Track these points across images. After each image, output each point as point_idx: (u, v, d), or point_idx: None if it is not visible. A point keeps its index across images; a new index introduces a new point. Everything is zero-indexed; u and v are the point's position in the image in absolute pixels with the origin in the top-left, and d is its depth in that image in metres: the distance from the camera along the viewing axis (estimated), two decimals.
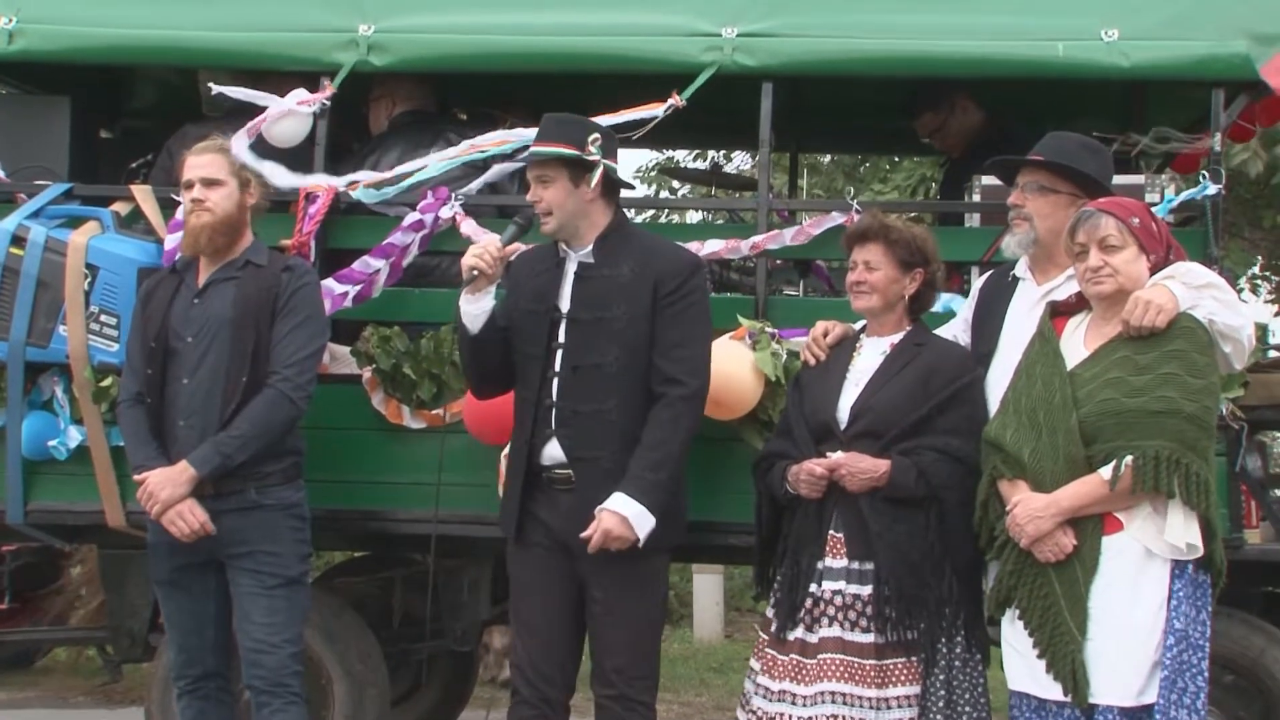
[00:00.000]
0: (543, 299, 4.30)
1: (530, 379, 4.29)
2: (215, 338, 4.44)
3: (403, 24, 5.11)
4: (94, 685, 8.62)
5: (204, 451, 4.37)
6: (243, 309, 4.44)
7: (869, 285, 4.29)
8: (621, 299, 4.22)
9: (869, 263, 4.29)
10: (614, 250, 4.28)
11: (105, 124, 6.01)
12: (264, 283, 4.48)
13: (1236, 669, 4.90)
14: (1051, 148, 4.32)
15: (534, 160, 4.29)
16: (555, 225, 4.27)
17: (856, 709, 4.06)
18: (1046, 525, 3.88)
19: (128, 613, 5.39)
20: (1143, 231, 3.94)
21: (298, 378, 4.45)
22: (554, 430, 4.24)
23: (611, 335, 4.21)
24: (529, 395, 4.29)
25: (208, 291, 4.51)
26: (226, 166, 4.56)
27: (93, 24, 5.18)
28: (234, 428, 4.38)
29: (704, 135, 7.39)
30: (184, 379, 4.44)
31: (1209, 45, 4.82)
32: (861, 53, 4.98)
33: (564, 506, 4.23)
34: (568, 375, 4.23)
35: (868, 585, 4.11)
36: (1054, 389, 3.94)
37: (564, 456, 4.22)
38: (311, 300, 4.56)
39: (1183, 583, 3.84)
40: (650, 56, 5.01)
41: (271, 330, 4.45)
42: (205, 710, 4.61)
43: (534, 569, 4.30)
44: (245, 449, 4.38)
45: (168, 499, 4.35)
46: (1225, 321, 3.93)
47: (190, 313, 4.49)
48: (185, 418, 4.43)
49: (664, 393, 4.19)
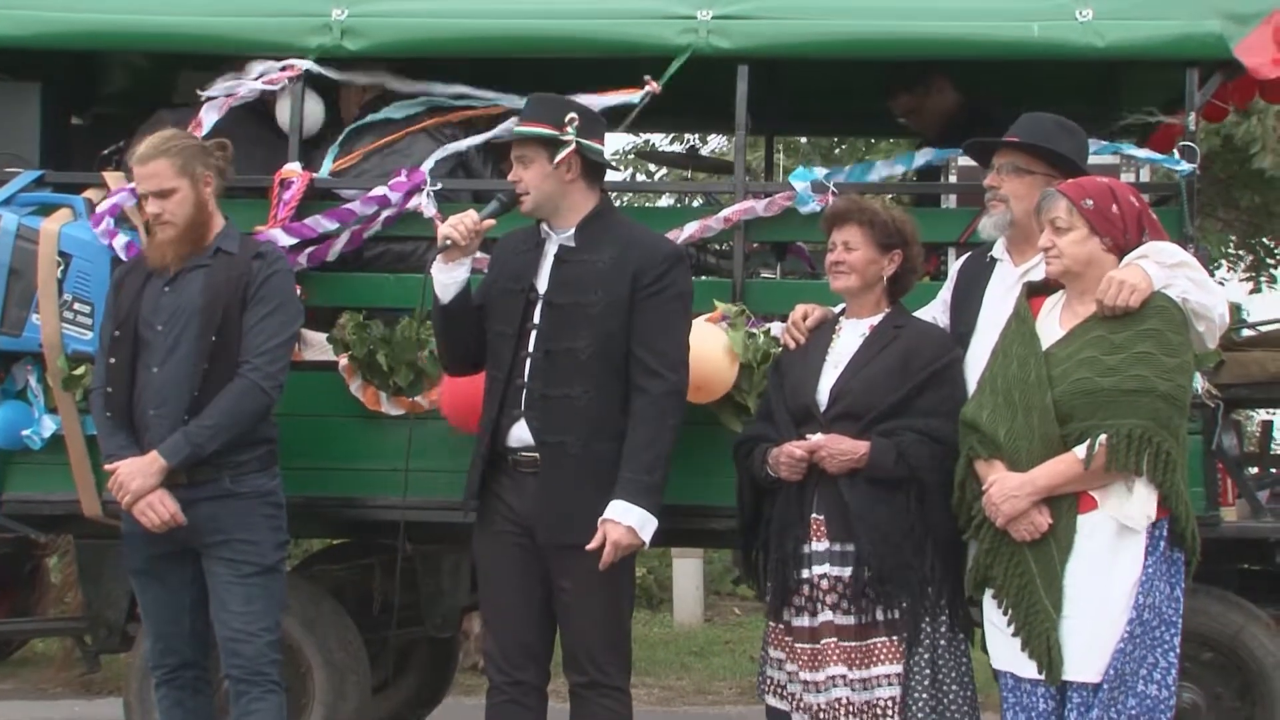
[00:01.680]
0: (520, 279, 4.29)
1: (502, 359, 4.27)
2: (186, 326, 4.40)
3: (376, 8, 5.08)
4: (72, 676, 8.59)
5: (174, 442, 4.34)
6: (213, 297, 4.40)
7: (847, 265, 4.30)
8: (599, 285, 4.20)
9: (848, 243, 4.30)
10: (596, 235, 4.26)
11: (77, 110, 5.95)
12: (235, 271, 4.44)
13: (1215, 646, 4.93)
14: (1027, 128, 4.33)
15: (515, 139, 4.29)
16: (532, 205, 4.26)
17: (851, 690, 4.08)
18: (1022, 504, 3.89)
19: (105, 603, 5.36)
20: (1094, 214, 3.94)
21: (268, 366, 4.41)
22: (522, 412, 4.21)
23: (587, 321, 4.18)
24: (499, 375, 4.27)
25: (178, 280, 4.46)
26: (173, 169, 4.42)
27: (63, 9, 5.13)
28: (205, 417, 4.35)
29: (680, 118, 7.37)
30: (154, 368, 4.41)
31: (1183, 25, 4.83)
32: (837, 34, 4.97)
33: (529, 490, 4.21)
34: (540, 358, 4.21)
35: (849, 567, 4.12)
36: (1029, 368, 3.95)
37: (531, 439, 4.20)
38: (283, 288, 4.52)
39: (1155, 559, 3.86)
40: (625, 40, 5.00)
41: (242, 318, 4.41)
42: (183, 700, 4.59)
43: (499, 554, 4.28)
44: (216, 439, 4.36)
45: (138, 489, 4.33)
46: (1198, 300, 3.94)
47: (160, 301, 4.44)
48: (156, 407, 4.39)
49: (646, 387, 4.16)
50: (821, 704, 4.12)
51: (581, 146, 4.23)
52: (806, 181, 4.91)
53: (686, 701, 8.25)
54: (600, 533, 4.08)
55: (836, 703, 4.09)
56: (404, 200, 4.99)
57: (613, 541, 4.06)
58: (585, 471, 4.14)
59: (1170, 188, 4.93)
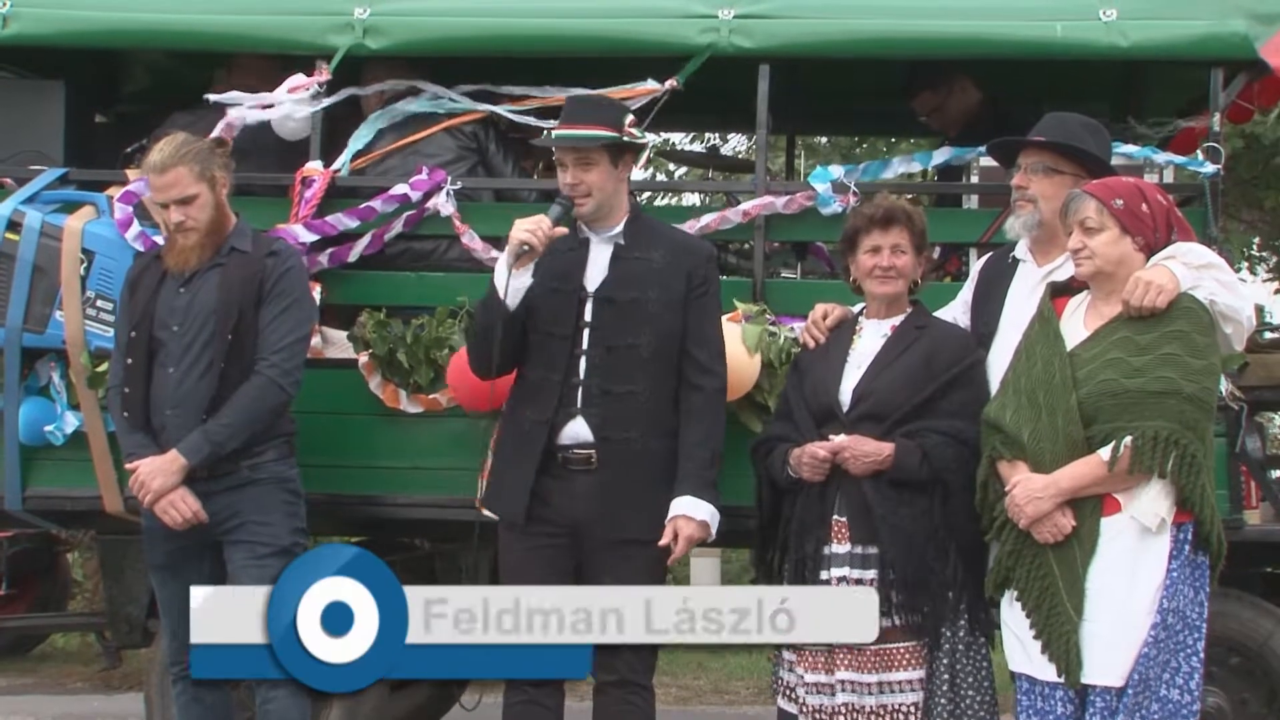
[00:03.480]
0: (568, 279, 4.29)
1: (554, 359, 4.25)
2: (202, 327, 4.42)
3: (398, 7, 5.08)
4: (93, 671, 8.63)
5: (194, 440, 4.36)
6: (228, 296, 4.42)
7: (897, 270, 4.26)
8: (655, 283, 4.26)
9: (898, 246, 4.25)
10: (641, 234, 4.32)
11: (100, 108, 5.99)
12: (249, 269, 4.46)
13: (1242, 651, 4.90)
14: (1054, 128, 4.31)
15: (574, 143, 4.26)
16: (593, 207, 4.28)
17: (861, 695, 4.07)
18: (1046, 506, 3.88)
19: (126, 598, 5.38)
20: (1125, 213, 3.93)
21: (285, 363, 4.43)
22: (579, 409, 4.22)
23: (646, 318, 4.24)
24: (550, 375, 4.24)
25: (194, 280, 4.47)
26: (192, 175, 4.42)
27: (87, 8, 5.15)
28: (223, 415, 4.37)
29: (701, 118, 7.37)
30: (170, 368, 4.43)
31: (1208, 24, 4.81)
32: (859, 33, 4.96)
33: (579, 488, 4.22)
34: (599, 355, 4.23)
35: (871, 569, 4.10)
36: (1054, 369, 3.93)
37: (591, 436, 4.22)
38: (297, 284, 4.53)
39: (1180, 563, 3.84)
40: (646, 39, 4.99)
41: (258, 316, 4.43)
42: (200, 695, 4.60)
43: (532, 555, 4.27)
44: (235, 437, 4.38)
45: (159, 488, 4.35)
46: (1226, 302, 3.92)
47: (175, 302, 4.46)
48: (173, 406, 4.41)
49: (701, 384, 4.27)
50: (825, 706, 4.10)
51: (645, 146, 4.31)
52: (827, 183, 4.90)
53: (704, 701, 8.25)
54: (670, 528, 4.16)
55: (845, 707, 4.07)
56: (424, 199, 4.99)
57: (686, 537, 4.16)
58: (643, 467, 4.21)
59: (1194, 189, 4.90)
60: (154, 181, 4.46)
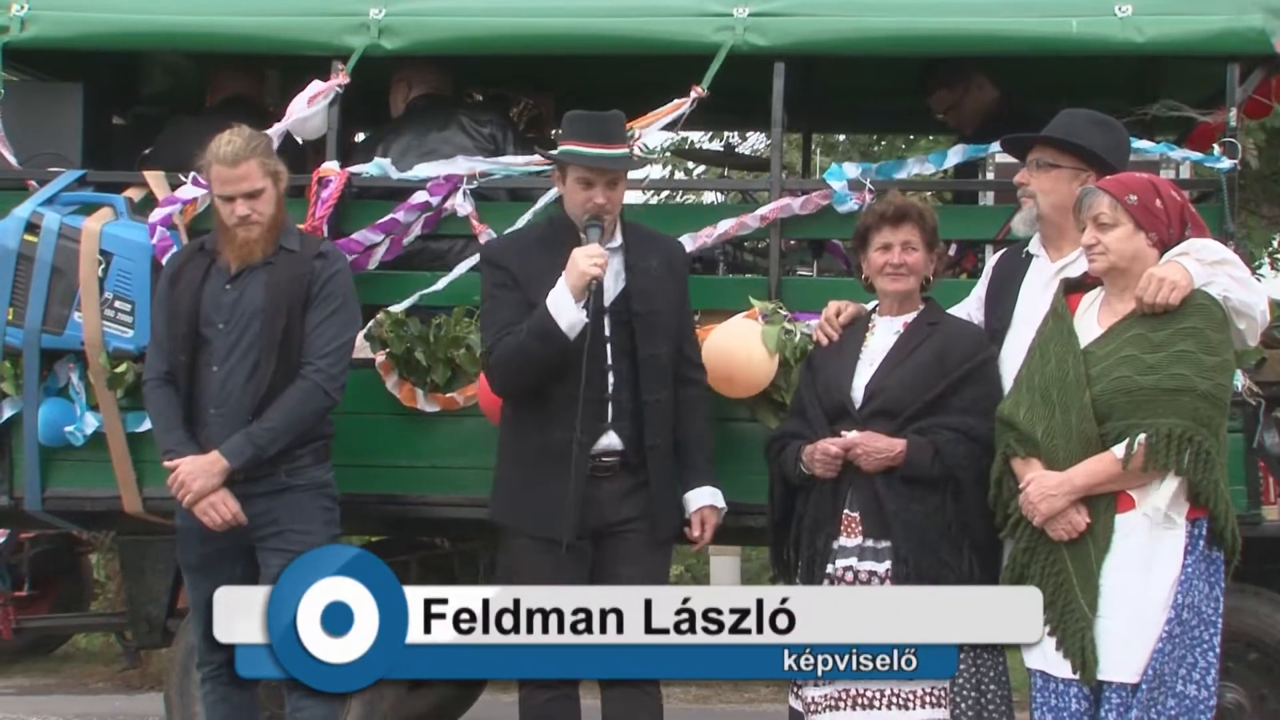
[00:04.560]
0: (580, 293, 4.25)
1: (578, 375, 4.12)
2: (248, 326, 4.41)
3: (414, 7, 5.10)
4: (114, 671, 8.67)
5: (237, 443, 4.35)
6: (275, 296, 4.41)
7: (908, 267, 4.26)
8: (661, 292, 4.33)
9: (909, 243, 4.25)
10: (636, 241, 4.36)
11: (118, 110, 6.01)
12: (297, 270, 4.45)
13: (1261, 647, 4.89)
14: (1059, 124, 4.31)
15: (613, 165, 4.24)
16: (613, 223, 4.33)
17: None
18: (1060, 503, 3.87)
19: (146, 599, 5.41)
20: (1139, 209, 3.91)
21: (331, 369, 4.43)
22: (610, 424, 4.26)
23: (662, 327, 4.32)
24: (572, 391, 4.13)
25: (241, 278, 4.46)
26: (262, 170, 4.42)
27: (104, 10, 5.18)
28: (267, 419, 4.37)
29: (717, 116, 7.35)
30: (214, 366, 4.42)
31: (1224, 19, 4.79)
32: (874, 31, 4.96)
33: (604, 492, 4.26)
34: (626, 368, 4.27)
35: (884, 561, 4.10)
36: (1067, 366, 3.92)
37: (621, 445, 4.27)
38: (344, 288, 4.53)
39: (1194, 558, 3.83)
40: (661, 37, 5.00)
41: (304, 319, 4.43)
42: (228, 695, 4.60)
43: (553, 563, 4.24)
44: (278, 441, 4.38)
45: (200, 490, 4.34)
46: (1240, 298, 3.90)
47: (222, 299, 4.44)
48: (216, 406, 4.41)
49: (695, 378, 4.47)
50: (818, 696, 4.09)
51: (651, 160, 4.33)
52: (843, 180, 4.90)
53: (723, 699, 8.24)
54: (697, 519, 4.38)
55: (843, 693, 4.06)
56: (443, 202, 5.00)
57: (713, 525, 4.39)
58: (665, 469, 4.34)
59: (1211, 184, 4.88)
60: (223, 174, 4.40)
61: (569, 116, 4.32)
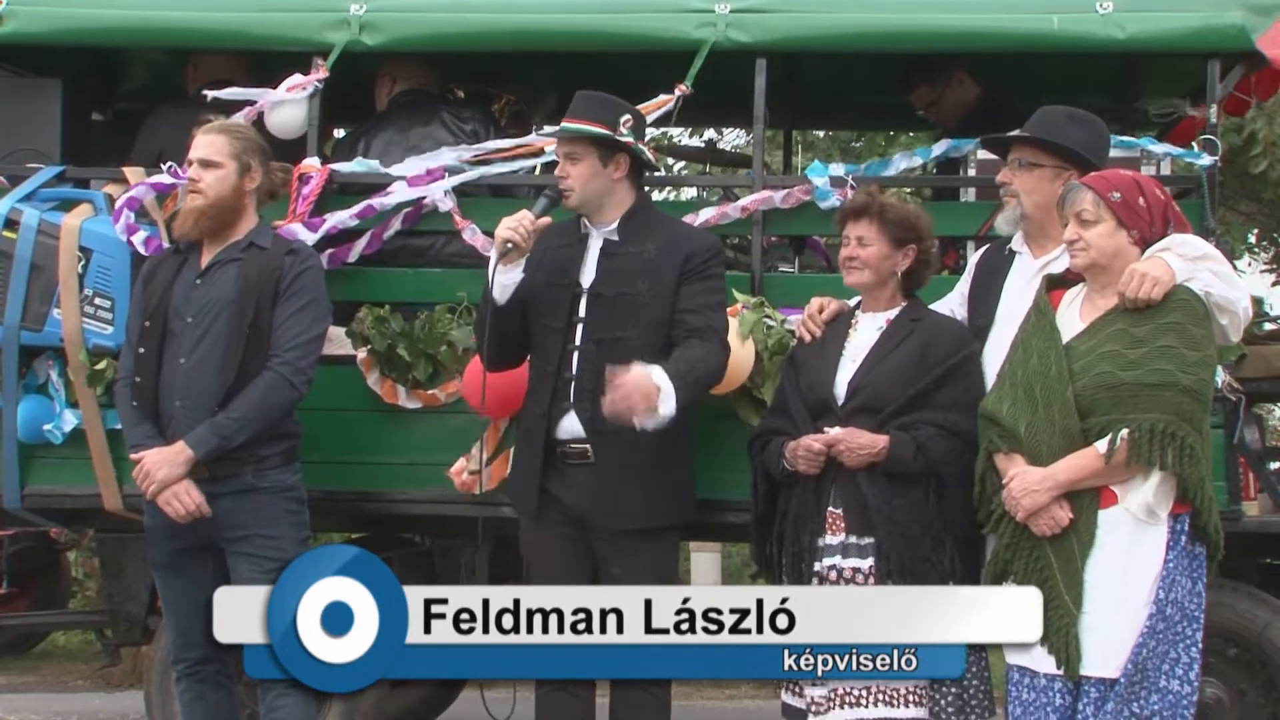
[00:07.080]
0: (564, 274, 4.34)
1: (549, 352, 4.32)
2: (216, 319, 4.41)
3: (395, 3, 5.09)
4: (93, 669, 8.64)
5: (201, 433, 4.35)
6: (244, 290, 4.42)
7: (860, 260, 4.30)
8: (645, 276, 4.28)
9: (861, 238, 4.29)
10: (638, 229, 4.34)
11: (97, 106, 5.98)
12: (267, 265, 4.46)
13: (1240, 642, 4.91)
14: (1038, 122, 4.32)
15: (564, 136, 4.30)
16: (577, 201, 4.32)
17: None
18: (1043, 499, 3.88)
19: (126, 596, 5.38)
20: (1122, 206, 3.92)
21: (299, 361, 4.43)
22: (572, 404, 4.27)
23: (633, 310, 4.26)
24: (547, 368, 4.32)
25: (210, 272, 4.47)
26: (227, 148, 4.47)
27: (82, 5, 5.16)
28: (232, 409, 4.37)
29: (698, 112, 7.35)
30: (181, 359, 4.42)
31: (1205, 16, 4.81)
32: (856, 27, 4.96)
33: (579, 481, 4.26)
34: (590, 349, 4.26)
35: (867, 558, 4.11)
36: (1050, 362, 3.93)
37: (582, 431, 4.25)
38: (315, 284, 4.53)
39: (1177, 554, 3.84)
40: (642, 33, 5.00)
41: (273, 313, 4.43)
42: (204, 693, 4.60)
43: (551, 548, 4.32)
44: (243, 431, 4.37)
45: (164, 479, 4.34)
46: (1221, 294, 3.91)
47: (192, 294, 4.46)
48: (182, 398, 4.40)
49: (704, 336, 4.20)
50: (819, 696, 4.10)
51: (634, 149, 4.30)
52: (824, 176, 4.90)
53: (704, 695, 8.25)
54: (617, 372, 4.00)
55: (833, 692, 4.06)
56: (421, 199, 4.99)
57: (635, 383, 3.95)
58: (634, 459, 4.20)
59: (1191, 180, 4.90)
60: (197, 139, 4.49)
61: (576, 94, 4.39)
